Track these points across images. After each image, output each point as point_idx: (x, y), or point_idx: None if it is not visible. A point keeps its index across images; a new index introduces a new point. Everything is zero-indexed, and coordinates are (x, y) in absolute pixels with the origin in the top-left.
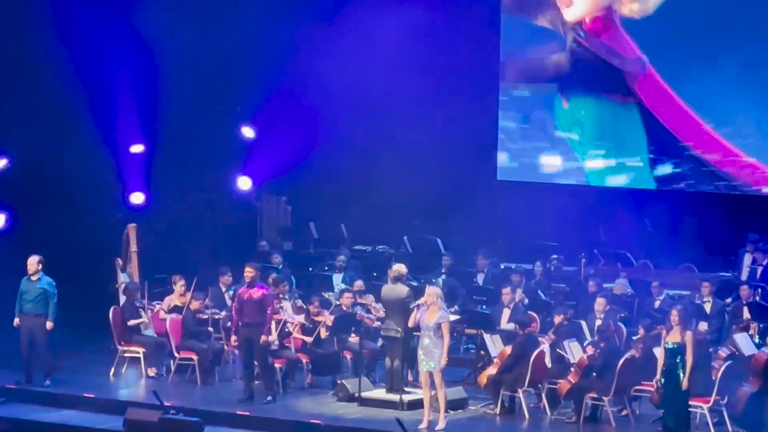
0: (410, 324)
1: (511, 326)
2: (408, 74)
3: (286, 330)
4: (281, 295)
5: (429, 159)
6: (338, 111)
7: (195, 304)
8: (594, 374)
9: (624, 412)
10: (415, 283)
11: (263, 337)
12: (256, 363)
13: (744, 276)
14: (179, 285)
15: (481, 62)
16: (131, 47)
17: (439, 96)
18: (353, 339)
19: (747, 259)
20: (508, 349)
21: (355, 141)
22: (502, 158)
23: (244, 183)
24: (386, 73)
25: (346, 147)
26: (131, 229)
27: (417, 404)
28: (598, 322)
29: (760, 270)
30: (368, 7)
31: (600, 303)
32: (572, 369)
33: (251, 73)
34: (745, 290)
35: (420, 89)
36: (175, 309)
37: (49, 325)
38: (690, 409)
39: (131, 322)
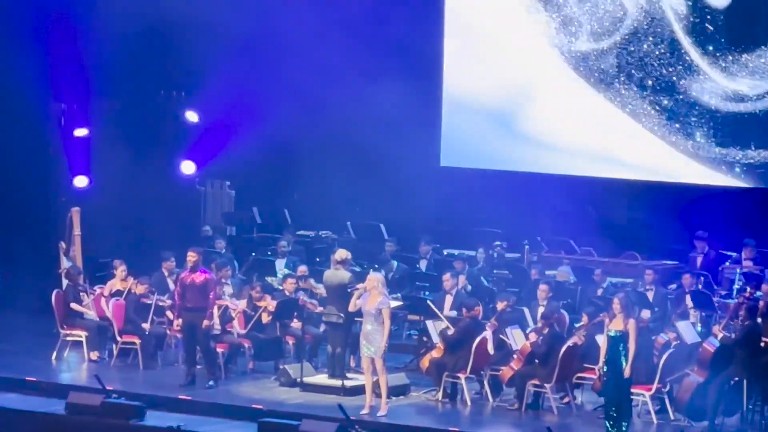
0: (351, 309)
1: (454, 313)
2: (350, 60)
3: (228, 315)
4: (224, 280)
5: (372, 145)
6: (282, 95)
7: (140, 288)
8: (536, 361)
9: (566, 400)
10: (357, 269)
11: (205, 322)
12: (198, 348)
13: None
14: (120, 270)
15: (424, 46)
16: (76, 29)
17: (383, 80)
18: (295, 324)
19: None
20: (448, 334)
21: (298, 126)
22: (445, 144)
23: (187, 167)
24: (328, 59)
25: (289, 132)
26: (75, 212)
27: (359, 390)
28: (541, 309)
29: (700, 259)
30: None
31: (542, 290)
32: (515, 356)
33: (196, 57)
34: (688, 278)
35: (363, 74)
36: (117, 293)
37: None
38: (632, 397)
39: (73, 306)
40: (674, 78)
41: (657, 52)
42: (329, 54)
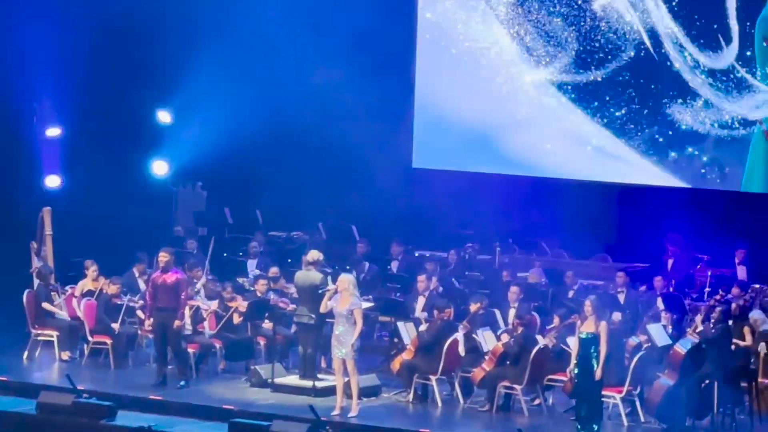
0: (322, 310)
1: (425, 315)
2: (323, 62)
3: (200, 315)
4: (195, 280)
5: (344, 147)
6: (254, 97)
7: (112, 289)
8: (508, 363)
9: (537, 401)
10: (329, 270)
11: (177, 322)
12: (169, 348)
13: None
14: (91, 270)
15: (396, 48)
16: (47, 30)
17: (355, 82)
18: (267, 325)
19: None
20: (419, 337)
21: (271, 127)
22: (417, 145)
23: (159, 168)
24: (302, 61)
25: (261, 133)
26: (46, 212)
27: (330, 391)
28: (512, 311)
29: (671, 261)
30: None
31: (514, 292)
32: (487, 357)
33: (168, 56)
34: (659, 281)
35: (336, 76)
36: (89, 293)
37: None
38: (603, 399)
39: (45, 306)
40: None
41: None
42: (303, 56)
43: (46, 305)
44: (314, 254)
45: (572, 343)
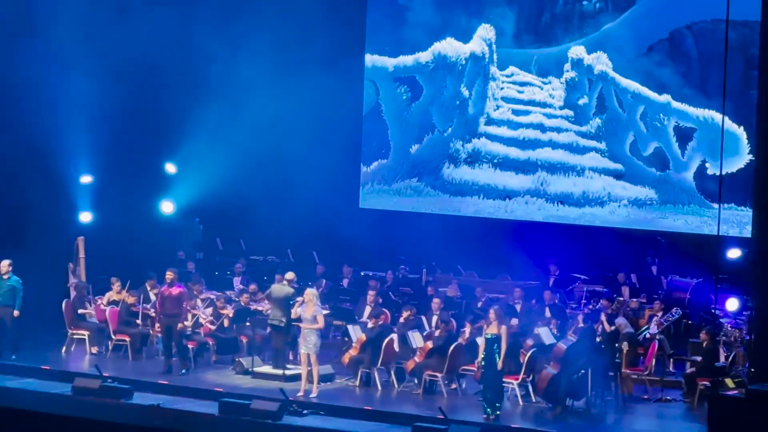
0: (293, 315)
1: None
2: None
3: (198, 322)
4: (196, 293)
5: (308, 191)
6: (239, 155)
7: (131, 299)
8: (432, 356)
9: (453, 386)
10: (296, 285)
11: (180, 325)
12: (173, 344)
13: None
14: (116, 285)
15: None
16: (82, 99)
17: (314, 144)
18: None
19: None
20: (364, 336)
21: (253, 177)
22: (364, 191)
23: (167, 207)
24: (275, 126)
25: (245, 181)
26: (80, 240)
27: (296, 377)
28: (435, 318)
29: (552, 279)
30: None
31: (436, 302)
32: (418, 352)
33: (174, 124)
34: (548, 294)
35: (302, 140)
36: (113, 302)
37: (15, 313)
38: (504, 385)
39: (81, 311)
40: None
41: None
42: (275, 123)
43: (81, 311)
44: (290, 275)
45: (480, 342)
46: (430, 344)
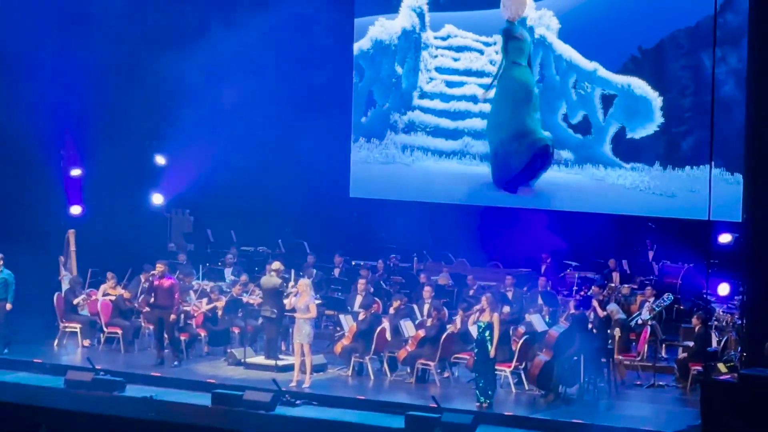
0: (287, 306)
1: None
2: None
3: (190, 314)
4: (188, 284)
5: (300, 181)
6: (229, 146)
7: (126, 294)
8: (425, 345)
9: (446, 375)
10: (287, 276)
11: (172, 316)
12: (166, 336)
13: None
14: (111, 279)
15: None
16: (71, 91)
17: (304, 135)
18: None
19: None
20: (356, 326)
21: (243, 168)
22: (353, 179)
23: (157, 199)
24: (264, 119)
25: (235, 172)
26: (71, 234)
27: (289, 368)
28: (426, 306)
29: (544, 267)
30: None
31: (427, 291)
32: (410, 340)
33: (163, 116)
34: (542, 281)
35: (291, 129)
36: (106, 295)
37: (8, 306)
38: (496, 372)
39: (74, 301)
40: None
41: None
42: (267, 115)
43: (75, 301)
44: (277, 264)
45: (472, 330)
46: (422, 333)
